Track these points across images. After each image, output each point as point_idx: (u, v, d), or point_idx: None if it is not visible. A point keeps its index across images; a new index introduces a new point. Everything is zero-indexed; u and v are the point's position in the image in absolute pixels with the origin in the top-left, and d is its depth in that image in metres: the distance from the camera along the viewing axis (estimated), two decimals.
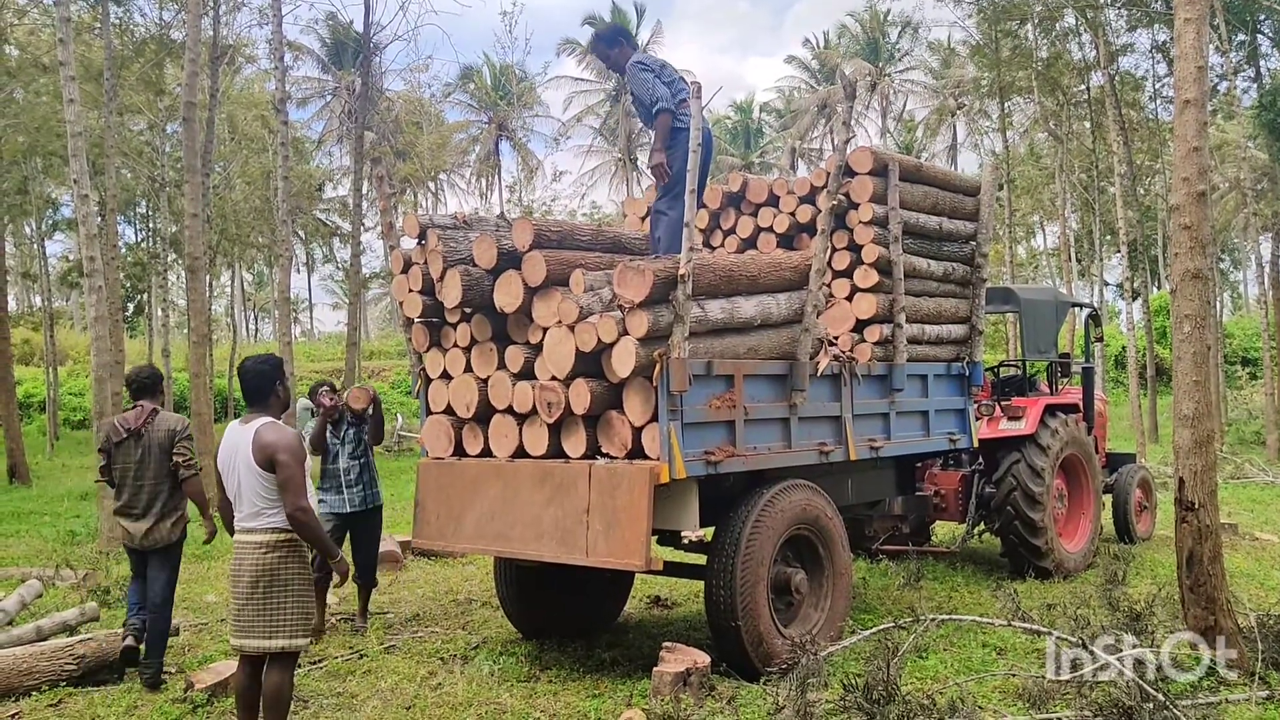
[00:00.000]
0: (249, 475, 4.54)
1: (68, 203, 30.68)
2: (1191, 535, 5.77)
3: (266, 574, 4.52)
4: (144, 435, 6.14)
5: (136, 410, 6.28)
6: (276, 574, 4.53)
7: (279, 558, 4.54)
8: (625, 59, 6.76)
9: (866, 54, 48.24)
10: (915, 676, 5.87)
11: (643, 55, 6.85)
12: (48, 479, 19.17)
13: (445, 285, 6.23)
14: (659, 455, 5.53)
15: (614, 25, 7.01)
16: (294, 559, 4.59)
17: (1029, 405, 9.17)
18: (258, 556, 4.53)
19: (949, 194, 7.74)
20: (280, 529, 4.55)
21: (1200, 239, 5.75)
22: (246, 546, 4.56)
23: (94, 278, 11.36)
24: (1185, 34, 5.78)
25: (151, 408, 6.29)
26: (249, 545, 4.56)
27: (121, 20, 20.46)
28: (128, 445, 6.17)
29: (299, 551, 4.62)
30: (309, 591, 4.67)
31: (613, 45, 6.87)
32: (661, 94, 6.40)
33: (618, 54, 6.83)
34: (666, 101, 6.37)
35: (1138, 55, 25.57)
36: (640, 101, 6.66)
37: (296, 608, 4.58)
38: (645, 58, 6.80)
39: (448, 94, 43.77)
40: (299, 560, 4.62)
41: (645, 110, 6.64)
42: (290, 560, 4.57)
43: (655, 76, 6.52)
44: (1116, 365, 32.41)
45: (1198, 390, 5.76)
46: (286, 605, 4.55)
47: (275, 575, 4.53)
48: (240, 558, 4.58)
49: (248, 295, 54.42)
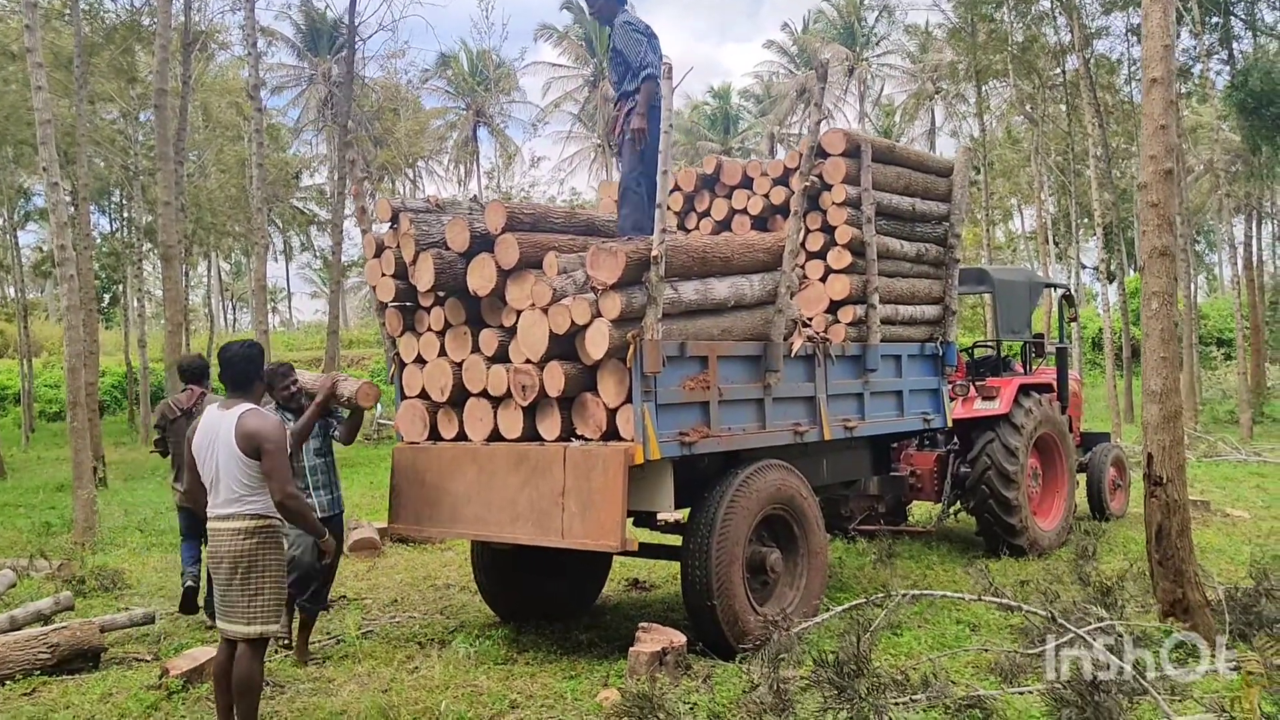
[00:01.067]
0: (229, 461, 4.52)
1: (40, 192, 30.40)
2: (1160, 510, 5.85)
3: (244, 560, 4.52)
4: (194, 415, 6.52)
5: (188, 393, 7.17)
6: (255, 560, 4.53)
7: (257, 543, 4.53)
8: (612, 12, 6.63)
9: (844, 38, 48.25)
10: (889, 653, 5.93)
11: (633, 16, 6.66)
12: (23, 471, 19.02)
13: (418, 269, 6.22)
14: (633, 437, 5.54)
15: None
16: (271, 545, 4.59)
17: (1003, 385, 9.23)
18: (236, 543, 4.52)
19: (922, 175, 7.77)
20: (258, 515, 4.55)
21: (1167, 216, 5.81)
22: (223, 533, 4.55)
23: (65, 267, 11.25)
24: (1152, 13, 5.82)
25: (201, 391, 7.12)
26: (226, 532, 4.54)
27: (91, 6, 20.23)
28: (179, 423, 6.93)
29: (275, 538, 4.62)
30: (283, 577, 4.67)
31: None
32: (651, 61, 6.31)
33: (605, 3, 6.68)
34: (655, 69, 6.25)
35: (1113, 38, 25.65)
36: (624, 59, 6.48)
37: (272, 594, 4.59)
38: (636, 20, 6.60)
39: (425, 80, 43.55)
40: (275, 547, 4.62)
41: (624, 70, 6.51)
42: (267, 546, 4.57)
43: (647, 42, 6.42)
44: (1094, 347, 32.66)
45: (1165, 366, 5.82)
46: (264, 591, 4.56)
47: (254, 561, 4.53)
48: (216, 544, 4.57)
49: (225, 285, 54.04)
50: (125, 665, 6.22)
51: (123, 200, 31.23)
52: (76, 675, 5.97)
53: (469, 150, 45.68)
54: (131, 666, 6.19)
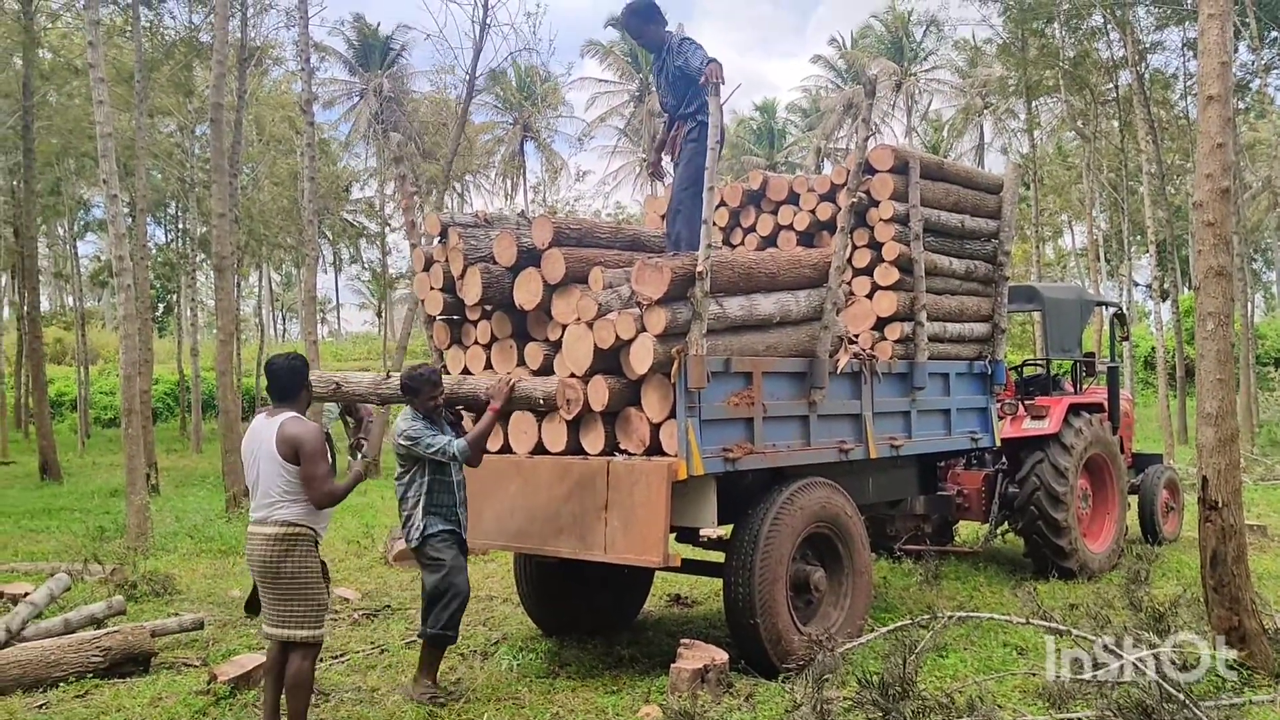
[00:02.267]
0: (270, 465, 4.66)
1: (99, 204, 31.11)
2: (1215, 535, 5.72)
3: (271, 568, 4.67)
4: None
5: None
6: (280, 569, 4.66)
7: (281, 552, 4.65)
8: (659, 36, 6.62)
9: (891, 53, 47.96)
10: (934, 675, 5.85)
11: (683, 35, 6.67)
12: (78, 476, 19.42)
13: (466, 283, 6.27)
14: (677, 452, 5.54)
15: (649, 1, 6.80)
16: (296, 555, 4.68)
17: (1053, 405, 9.10)
18: (265, 550, 4.66)
19: (971, 192, 7.71)
20: (287, 522, 4.66)
21: (1224, 235, 5.70)
22: (256, 538, 4.72)
23: (123, 277, 11.51)
24: (1209, 29, 5.73)
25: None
26: (259, 537, 4.70)
27: (152, 23, 20.73)
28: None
29: (302, 546, 4.70)
30: (315, 585, 4.75)
31: (649, 20, 6.62)
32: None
33: (653, 30, 6.63)
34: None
35: (1168, 53, 25.21)
36: (685, 78, 6.38)
37: (302, 602, 4.69)
38: (687, 37, 6.59)
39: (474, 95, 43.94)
40: (304, 555, 4.70)
41: (685, 90, 6.45)
42: (292, 556, 4.67)
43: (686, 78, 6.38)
44: (1146, 366, 32.09)
45: (1221, 388, 5.70)
46: (292, 600, 4.68)
47: (279, 570, 4.66)
48: (252, 548, 4.75)
49: (275, 295, 54.88)
50: (175, 670, 6.31)
51: (178, 212, 31.88)
52: (127, 679, 6.07)
53: (516, 164, 46.02)
54: (181, 671, 6.28)
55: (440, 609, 5.51)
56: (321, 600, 4.81)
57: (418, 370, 5.74)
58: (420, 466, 5.56)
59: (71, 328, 34.50)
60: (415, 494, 5.57)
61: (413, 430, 5.49)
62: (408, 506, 5.60)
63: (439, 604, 5.52)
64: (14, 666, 5.86)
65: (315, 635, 4.77)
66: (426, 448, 5.46)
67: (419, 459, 5.54)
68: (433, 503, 5.55)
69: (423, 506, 5.56)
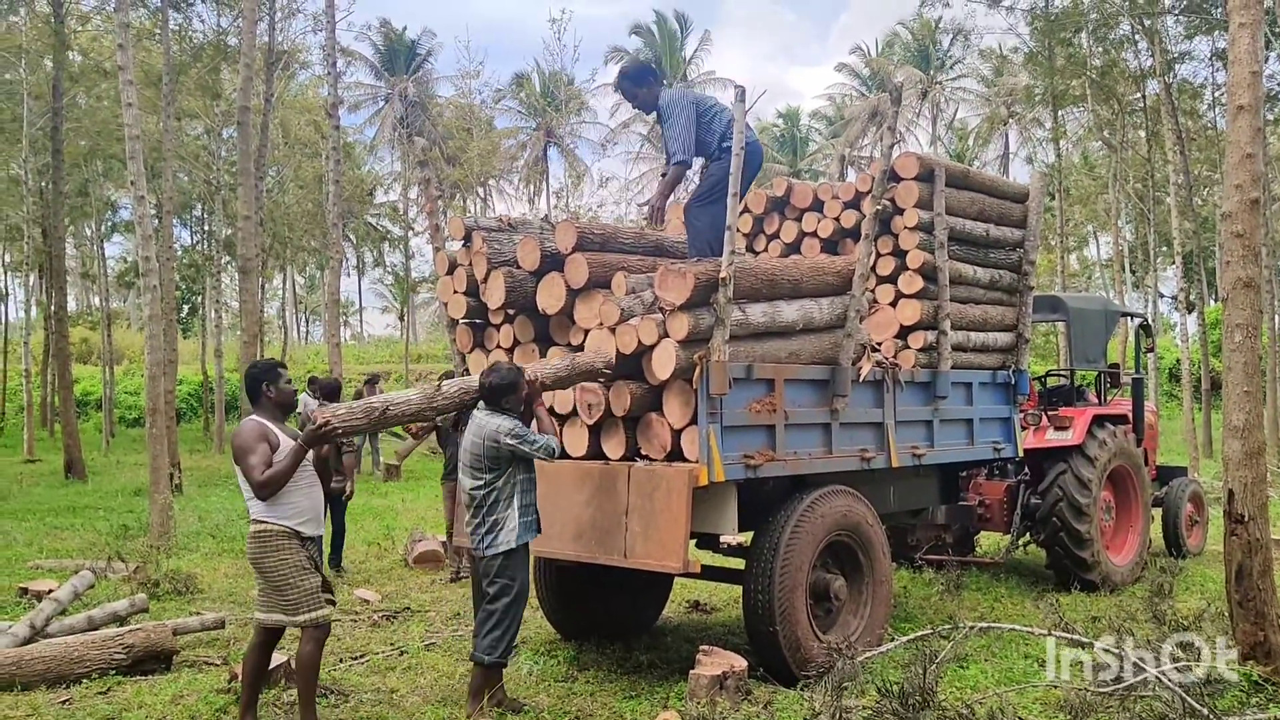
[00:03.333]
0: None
1: (126, 205, 31.51)
2: (1241, 549, 5.66)
3: (255, 564, 4.98)
4: None
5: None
6: (261, 564, 4.92)
7: (257, 549, 4.91)
8: (654, 98, 6.55)
9: (917, 61, 47.84)
10: (955, 685, 5.81)
11: (674, 95, 6.52)
12: (103, 475, 19.57)
13: (489, 287, 6.30)
14: (698, 458, 5.54)
15: (640, 63, 6.75)
16: (269, 550, 4.88)
17: (1076, 415, 9.03)
18: (249, 547, 4.99)
19: (996, 200, 7.67)
20: (256, 519, 4.92)
21: (1253, 247, 5.65)
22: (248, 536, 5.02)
23: (149, 278, 11.62)
24: (1240, 39, 5.69)
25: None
26: (249, 535, 5.00)
27: (180, 27, 20.93)
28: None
29: (274, 542, 4.88)
30: (299, 575, 4.90)
31: (640, 84, 6.58)
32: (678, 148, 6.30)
33: (645, 93, 6.57)
34: (685, 155, 6.30)
35: (1196, 63, 24.93)
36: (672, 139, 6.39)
37: (291, 590, 4.88)
38: (677, 99, 6.47)
39: (498, 99, 44.13)
40: (276, 549, 4.88)
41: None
42: (267, 552, 4.88)
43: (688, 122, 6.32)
44: (1171, 378, 31.79)
45: (1249, 401, 5.65)
46: (279, 590, 4.90)
47: (260, 565, 4.93)
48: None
49: (299, 298, 55.21)
50: (196, 668, 6.36)
51: (204, 214, 32.16)
52: (149, 676, 6.12)
53: (539, 170, 46.16)
54: (202, 670, 6.32)
55: (500, 634, 5.36)
56: (310, 586, 4.92)
57: (503, 368, 5.49)
58: (515, 466, 5.39)
59: (97, 328, 34.82)
60: (508, 494, 5.37)
61: (518, 429, 5.29)
62: (497, 510, 5.36)
63: (499, 629, 5.36)
64: (39, 662, 5.92)
65: (313, 618, 4.90)
66: (533, 444, 5.29)
67: (512, 459, 5.36)
68: (524, 502, 5.40)
69: (517, 507, 5.37)
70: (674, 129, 6.34)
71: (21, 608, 7.73)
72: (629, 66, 6.72)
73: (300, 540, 4.92)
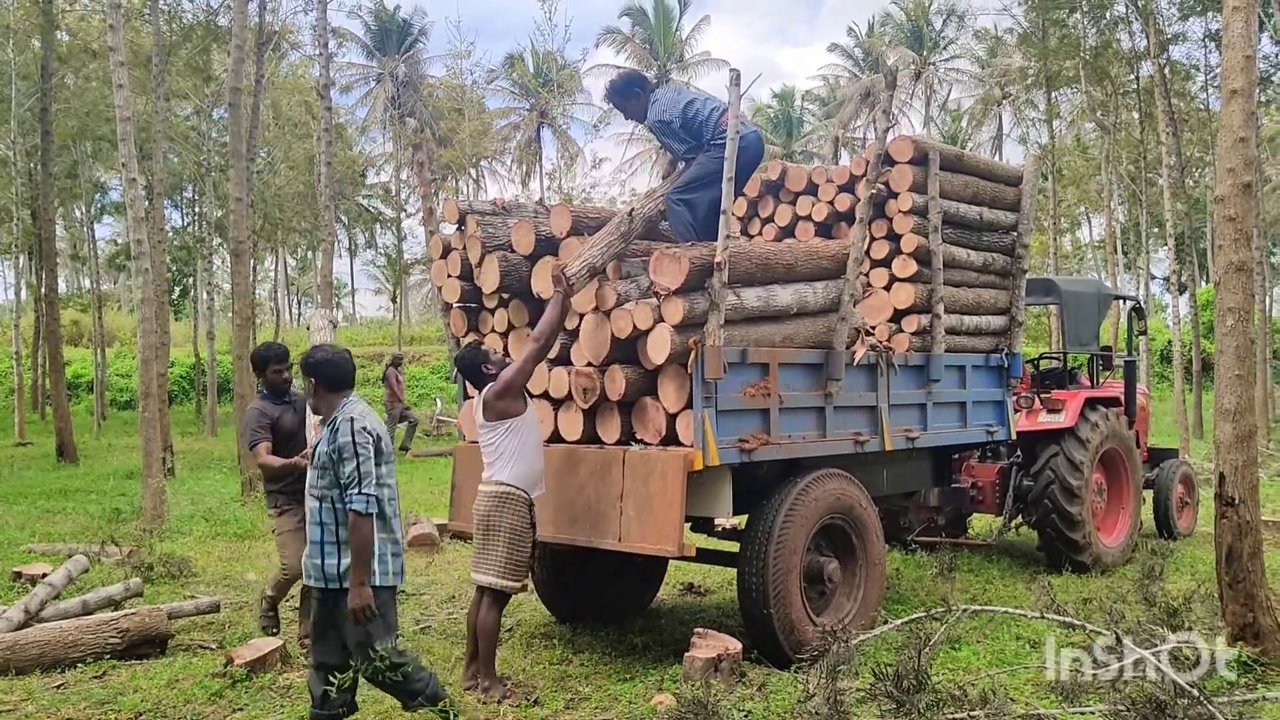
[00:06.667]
0: None
1: (116, 187, 31.29)
2: (1231, 531, 5.70)
3: (483, 520, 5.55)
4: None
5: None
6: (493, 522, 5.49)
7: (493, 507, 5.49)
8: (643, 107, 6.58)
9: (910, 42, 47.71)
10: (947, 667, 5.85)
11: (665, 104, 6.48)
12: (95, 458, 19.53)
13: (483, 271, 6.29)
14: (693, 442, 5.55)
15: (628, 74, 6.72)
16: (505, 512, 5.47)
17: (1069, 398, 9.07)
18: (482, 503, 5.56)
19: (990, 184, 7.67)
20: (500, 482, 5.49)
21: (1245, 231, 5.66)
22: None
23: (141, 260, 11.56)
24: (1233, 22, 5.68)
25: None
26: None
27: (170, 7, 20.77)
28: None
29: (511, 505, 5.46)
30: (523, 540, 5.49)
31: (628, 96, 6.61)
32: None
33: (634, 105, 6.62)
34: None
35: (1190, 44, 24.95)
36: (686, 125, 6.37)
37: (511, 551, 5.49)
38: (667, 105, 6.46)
39: (490, 80, 43.90)
40: (513, 512, 5.47)
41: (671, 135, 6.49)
42: (501, 513, 5.47)
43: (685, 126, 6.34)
44: (1162, 360, 31.90)
45: (1240, 384, 5.67)
46: (501, 546, 5.48)
47: (492, 523, 5.50)
48: None
49: (291, 280, 55.04)
50: (191, 652, 6.37)
51: (195, 196, 31.98)
52: (144, 660, 6.14)
53: (532, 151, 45.98)
54: (197, 654, 6.34)
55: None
56: (525, 557, 5.54)
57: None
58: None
59: (88, 310, 34.66)
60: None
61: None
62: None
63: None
64: (33, 647, 5.93)
65: (509, 586, 5.50)
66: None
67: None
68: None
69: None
70: (675, 140, 6.42)
71: (15, 592, 7.73)
72: (616, 80, 6.73)
73: (529, 506, 5.50)
